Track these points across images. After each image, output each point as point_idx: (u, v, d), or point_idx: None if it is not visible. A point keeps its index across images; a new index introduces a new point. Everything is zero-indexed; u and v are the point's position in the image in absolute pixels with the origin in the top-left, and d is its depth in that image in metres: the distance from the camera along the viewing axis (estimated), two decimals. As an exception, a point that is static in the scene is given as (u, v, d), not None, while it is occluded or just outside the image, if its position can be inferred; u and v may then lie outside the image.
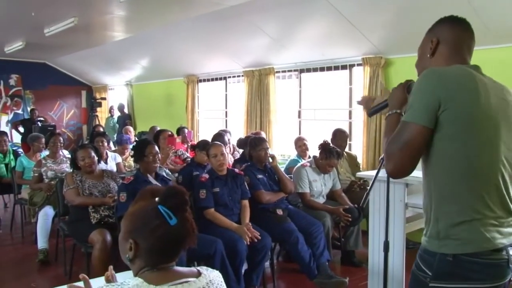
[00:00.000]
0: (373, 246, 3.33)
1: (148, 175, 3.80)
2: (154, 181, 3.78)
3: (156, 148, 3.87)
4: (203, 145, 4.80)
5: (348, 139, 5.68)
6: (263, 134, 6.12)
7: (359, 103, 2.53)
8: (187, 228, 1.37)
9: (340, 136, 5.45)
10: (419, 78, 1.56)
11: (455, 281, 1.49)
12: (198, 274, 1.41)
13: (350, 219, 4.26)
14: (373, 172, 2.77)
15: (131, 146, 6.39)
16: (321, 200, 4.68)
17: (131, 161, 6.31)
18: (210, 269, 1.47)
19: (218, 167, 4.00)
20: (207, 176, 3.98)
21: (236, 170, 4.23)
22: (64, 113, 12.25)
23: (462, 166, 1.49)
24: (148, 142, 3.89)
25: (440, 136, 1.49)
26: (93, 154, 4.25)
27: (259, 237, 3.69)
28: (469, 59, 1.67)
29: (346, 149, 5.67)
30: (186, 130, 7.36)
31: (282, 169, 4.73)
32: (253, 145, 4.45)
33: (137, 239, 1.36)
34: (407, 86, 1.72)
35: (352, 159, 5.54)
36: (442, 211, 1.54)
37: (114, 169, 5.73)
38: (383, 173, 2.41)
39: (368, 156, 5.91)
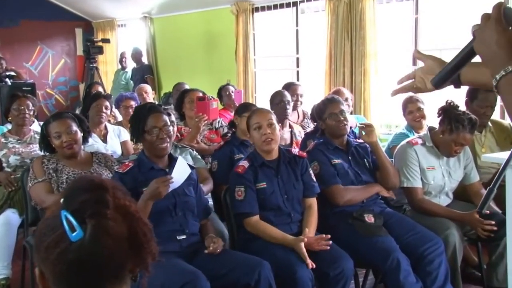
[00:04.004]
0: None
1: (157, 160, 3.85)
2: (165, 169, 3.82)
3: (165, 117, 3.90)
4: (244, 108, 4.87)
5: (496, 99, 5.45)
6: (347, 93, 6.12)
7: (395, 93, 2.29)
8: (105, 245, 1.31)
9: (481, 96, 5.23)
10: None
11: None
12: None
13: (496, 229, 4.12)
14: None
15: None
16: (444, 200, 4.60)
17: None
18: None
19: (262, 145, 4.00)
20: (246, 164, 4.00)
21: (295, 150, 4.22)
22: (49, 65, 12.68)
23: None
24: (150, 109, 3.93)
25: None
26: (74, 127, 4.33)
27: (309, 265, 3.64)
28: None
29: (494, 116, 5.46)
30: (232, 89, 7.38)
31: (383, 149, 4.63)
32: (320, 110, 4.44)
33: (41, 265, 1.36)
34: (503, 14, 1.58)
35: (504, 133, 5.36)
36: None
37: (118, 150, 5.86)
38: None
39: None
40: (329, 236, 3.73)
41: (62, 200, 1.36)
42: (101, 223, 1.31)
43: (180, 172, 3.69)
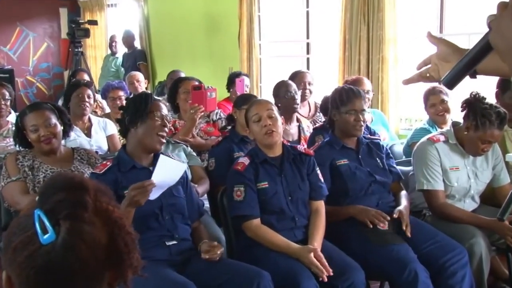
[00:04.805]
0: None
1: (139, 158, 3.79)
2: (149, 167, 3.76)
3: (163, 107, 3.89)
4: (243, 100, 4.86)
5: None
6: (368, 85, 6.09)
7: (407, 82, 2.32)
8: (78, 252, 1.30)
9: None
10: None
11: None
12: None
13: None
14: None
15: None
16: (469, 204, 4.57)
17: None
18: None
19: (263, 139, 3.99)
20: (246, 161, 3.99)
21: (301, 147, 4.22)
22: (29, 49, 12.68)
23: None
24: (154, 97, 3.94)
25: None
26: (54, 120, 4.32)
27: (330, 272, 3.63)
28: None
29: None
30: (243, 78, 7.41)
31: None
32: (340, 100, 4.38)
33: (8, 269, 1.35)
34: None
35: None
36: None
37: (103, 145, 5.86)
38: None
39: None
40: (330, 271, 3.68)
41: (37, 197, 1.36)
42: (76, 227, 1.30)
43: (165, 173, 3.54)
